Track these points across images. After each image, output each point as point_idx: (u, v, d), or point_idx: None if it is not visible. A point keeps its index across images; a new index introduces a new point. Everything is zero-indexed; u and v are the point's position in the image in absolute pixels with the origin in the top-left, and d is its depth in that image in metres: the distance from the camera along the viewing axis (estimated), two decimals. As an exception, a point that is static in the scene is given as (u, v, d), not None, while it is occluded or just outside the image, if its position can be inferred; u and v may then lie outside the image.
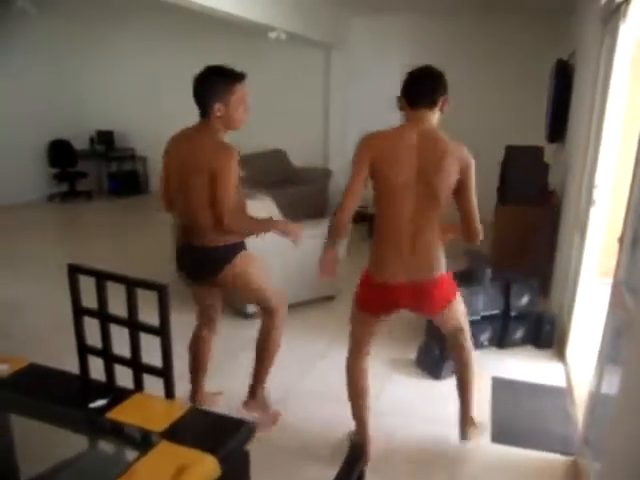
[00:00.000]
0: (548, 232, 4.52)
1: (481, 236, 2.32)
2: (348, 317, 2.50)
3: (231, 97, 2.34)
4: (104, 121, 8.96)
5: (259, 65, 8.10)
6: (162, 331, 1.58)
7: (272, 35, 6.08)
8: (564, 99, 4.81)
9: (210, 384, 3.04)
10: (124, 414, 1.45)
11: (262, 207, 3.98)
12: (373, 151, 2.14)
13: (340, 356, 3.29)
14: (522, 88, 6.89)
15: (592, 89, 3.50)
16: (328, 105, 7.83)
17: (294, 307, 4.28)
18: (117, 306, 1.73)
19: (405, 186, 2.12)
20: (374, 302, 2.36)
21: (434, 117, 2.22)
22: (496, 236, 4.65)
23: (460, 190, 2.19)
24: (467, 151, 2.19)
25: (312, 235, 4.34)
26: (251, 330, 4.00)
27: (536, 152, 4.54)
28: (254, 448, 2.59)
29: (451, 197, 2.21)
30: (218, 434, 1.39)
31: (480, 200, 2.33)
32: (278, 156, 7.70)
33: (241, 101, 2.39)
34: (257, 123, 8.31)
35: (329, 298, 4.54)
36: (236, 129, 2.44)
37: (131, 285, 1.60)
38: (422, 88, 2.18)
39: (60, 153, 8.39)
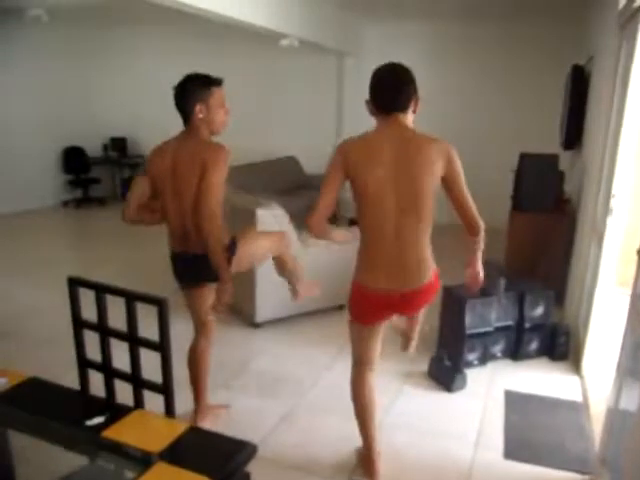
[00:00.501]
0: (563, 241, 4.43)
1: (482, 225, 2.22)
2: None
3: (210, 99, 2.40)
4: (117, 128, 9.01)
5: (272, 72, 8.11)
6: (162, 347, 1.54)
7: (284, 42, 6.07)
8: (580, 105, 4.73)
9: (218, 395, 3.00)
10: (121, 433, 1.41)
11: (273, 216, 3.94)
12: (348, 158, 2.07)
13: (348, 368, 3.22)
14: (537, 94, 6.81)
15: (609, 95, 3.43)
16: (341, 112, 7.79)
17: (304, 316, 4.25)
18: (120, 318, 1.69)
19: (384, 192, 2.05)
20: (368, 312, 2.29)
21: (409, 119, 2.13)
22: (510, 245, 4.56)
23: (449, 184, 2.10)
24: (447, 143, 2.10)
25: (327, 244, 4.31)
26: (260, 339, 3.99)
27: (551, 160, 4.46)
28: (254, 464, 2.55)
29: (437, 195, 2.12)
30: (217, 455, 1.34)
31: (494, 208, 2.27)
32: (290, 163, 7.68)
33: (221, 104, 2.45)
34: (270, 130, 8.36)
35: (340, 307, 4.48)
36: (218, 133, 2.50)
37: (131, 299, 1.56)
38: (393, 94, 2.07)
39: (74, 160, 8.46)
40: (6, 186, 7.63)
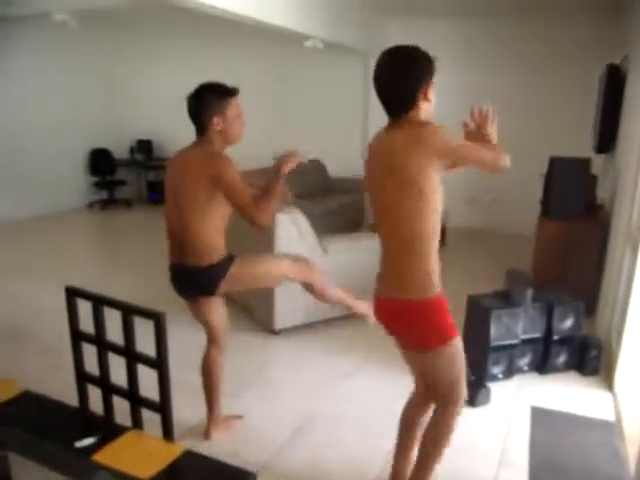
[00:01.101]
0: (595, 249, 4.23)
1: (504, 161, 2.00)
2: (380, 336, 2.26)
3: (227, 110, 2.36)
4: (143, 130, 9.05)
5: (297, 74, 8.04)
6: (159, 364, 1.46)
7: (308, 44, 5.98)
8: (615, 107, 4.53)
9: (231, 404, 2.92)
10: (112, 456, 1.33)
11: (292, 220, 3.85)
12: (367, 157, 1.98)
13: (368, 378, 3.12)
14: (569, 95, 6.58)
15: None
16: (367, 114, 7.67)
17: (324, 324, 4.14)
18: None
19: (374, 198, 1.94)
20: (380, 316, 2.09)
21: (419, 113, 1.83)
22: (538, 253, 4.38)
23: (450, 160, 1.82)
24: (422, 131, 1.76)
25: (348, 248, 4.20)
26: (278, 347, 3.90)
27: (583, 164, 4.26)
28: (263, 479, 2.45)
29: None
30: (211, 484, 1.25)
31: (521, 214, 2.11)
32: (315, 166, 7.58)
33: (238, 115, 2.42)
34: (295, 133, 8.28)
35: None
36: (234, 144, 2.46)
37: (127, 312, 1.48)
38: (391, 97, 1.81)
39: (100, 161, 8.53)
40: (32, 188, 7.72)
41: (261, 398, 3.18)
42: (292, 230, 3.82)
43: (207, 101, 2.32)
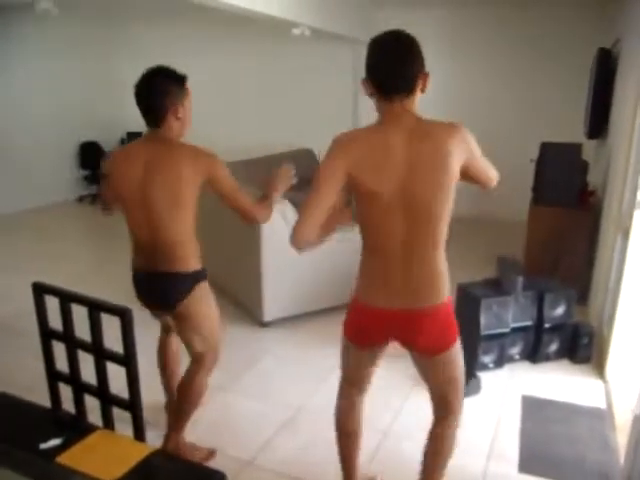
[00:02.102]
0: (587, 236, 4.19)
1: (497, 177, 1.92)
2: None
3: (185, 99, 2.20)
4: (134, 123, 8.91)
5: (285, 63, 7.95)
6: (127, 361, 1.40)
7: (296, 31, 5.88)
8: (606, 91, 4.47)
9: (217, 397, 2.88)
10: (77, 457, 1.28)
11: (279, 210, 3.79)
12: (349, 158, 1.65)
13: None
14: (560, 80, 6.50)
15: (638, 80, 3.19)
16: (357, 103, 7.59)
17: (314, 315, 4.09)
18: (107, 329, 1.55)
19: (392, 201, 1.66)
20: (363, 332, 1.92)
21: (415, 102, 1.71)
22: (530, 241, 4.33)
23: (469, 168, 1.74)
24: (459, 126, 1.69)
25: (338, 239, 4.13)
26: (267, 339, 3.85)
27: (574, 149, 4.21)
28: (251, 473, 2.42)
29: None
30: (178, 486, 1.20)
31: (512, 201, 2.03)
32: (306, 155, 7.50)
33: (191, 104, 2.25)
34: (284, 122, 8.20)
35: (351, 305, 4.32)
36: (184, 135, 2.25)
37: (94, 308, 1.43)
38: (396, 71, 1.64)
39: (90, 155, 8.43)
40: (21, 182, 7.63)
41: (248, 391, 3.14)
42: (278, 220, 3.75)
43: (168, 89, 2.13)
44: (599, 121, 4.59)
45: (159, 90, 2.11)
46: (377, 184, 1.64)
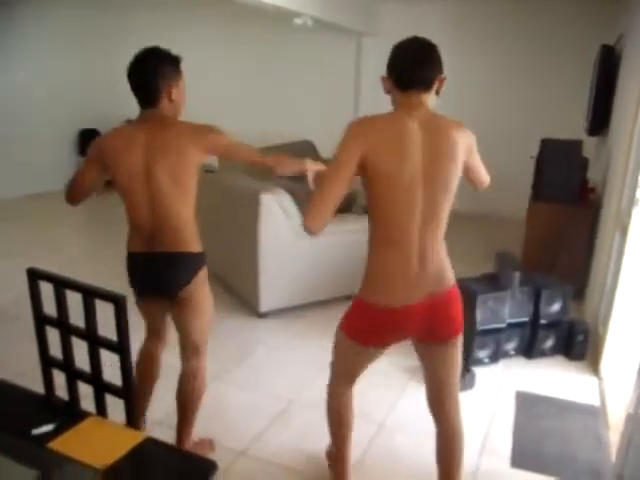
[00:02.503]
0: (585, 233, 4.18)
1: (488, 181, 2.03)
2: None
3: (180, 80, 2.16)
4: (133, 110, 8.88)
5: (286, 53, 7.91)
6: (121, 348, 1.40)
7: (298, 21, 5.85)
8: (608, 88, 4.45)
9: (210, 388, 2.86)
10: (69, 443, 1.28)
11: (278, 201, 3.78)
12: (367, 143, 1.67)
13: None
14: (561, 77, 6.48)
15: None
16: (359, 95, 7.57)
17: (312, 306, 4.09)
18: (102, 315, 1.53)
19: (411, 185, 1.67)
20: (374, 333, 1.87)
21: (431, 100, 1.78)
22: (528, 237, 4.33)
23: (469, 168, 1.88)
24: (470, 132, 1.83)
25: (338, 230, 4.13)
26: (263, 330, 3.85)
27: (575, 146, 4.20)
28: (245, 463, 2.42)
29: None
30: (170, 475, 1.19)
31: (512, 197, 2.05)
32: (306, 147, 7.48)
33: (184, 85, 2.21)
34: (284, 113, 8.17)
35: (348, 298, 4.31)
36: (178, 117, 2.21)
37: (88, 294, 1.42)
38: (416, 67, 1.72)
39: (89, 142, 8.35)
40: (20, 169, 7.61)
41: (243, 382, 3.14)
42: (277, 210, 3.75)
43: (163, 69, 2.09)
44: (600, 118, 4.58)
45: (152, 70, 2.07)
46: (396, 169, 1.66)
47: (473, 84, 6.98)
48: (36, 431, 1.32)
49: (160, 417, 2.73)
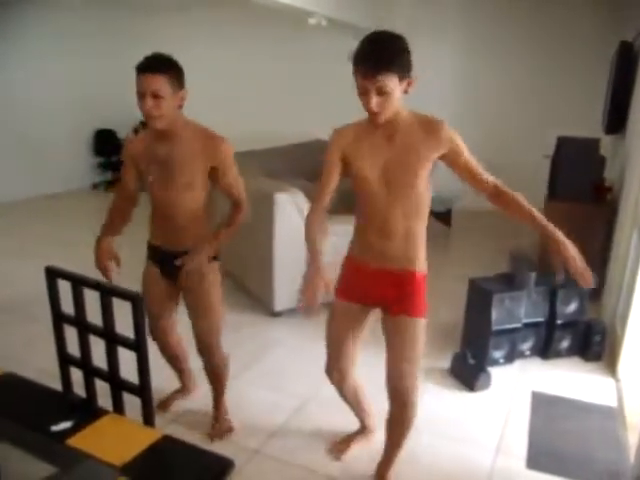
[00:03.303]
0: (602, 232, 4.14)
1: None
2: (381, 317, 2.21)
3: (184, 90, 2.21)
4: (148, 110, 8.96)
5: (300, 53, 7.90)
6: (138, 346, 1.41)
7: (312, 21, 5.84)
8: (626, 85, 4.39)
9: (230, 385, 2.88)
10: (87, 440, 1.29)
11: (293, 201, 3.78)
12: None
13: (367, 361, 3.07)
14: (578, 74, 6.40)
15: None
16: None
17: (326, 306, 4.07)
18: (119, 313, 1.56)
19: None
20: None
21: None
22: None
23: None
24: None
25: (348, 228, 4.12)
26: (278, 329, 3.86)
27: (591, 144, 4.15)
28: (261, 460, 2.43)
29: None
30: (186, 472, 1.20)
31: (527, 196, 2.03)
32: (319, 147, 7.47)
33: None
34: (298, 113, 8.17)
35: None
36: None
37: (105, 293, 1.43)
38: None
39: (105, 142, 8.47)
40: (37, 168, 7.69)
41: (258, 381, 3.15)
42: (291, 210, 3.76)
43: (179, 73, 2.16)
44: (618, 116, 4.52)
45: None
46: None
47: (489, 82, 6.93)
48: (55, 428, 1.33)
49: (174, 415, 2.76)
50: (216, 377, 2.58)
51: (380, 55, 1.73)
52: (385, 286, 2.07)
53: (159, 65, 2.06)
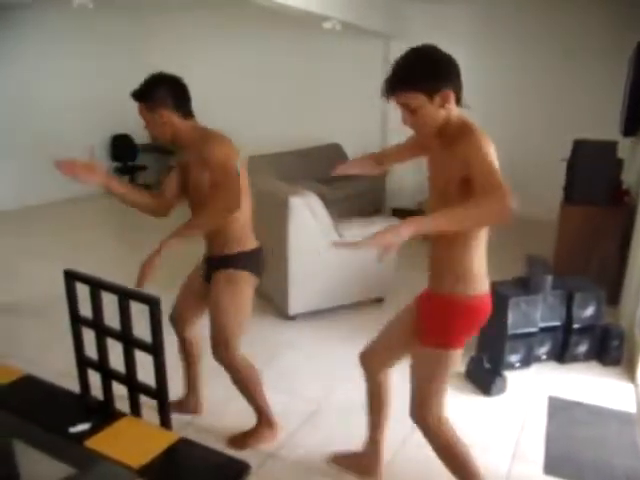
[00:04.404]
0: (619, 235, 4.09)
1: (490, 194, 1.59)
2: None
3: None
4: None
5: (315, 57, 7.92)
6: (155, 349, 1.42)
7: (327, 25, 5.86)
8: (644, 87, 4.34)
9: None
10: (105, 442, 1.31)
11: (307, 204, 3.79)
12: None
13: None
14: (595, 75, 6.34)
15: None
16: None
17: (340, 309, 4.10)
18: (137, 316, 1.58)
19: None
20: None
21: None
22: (560, 240, 4.25)
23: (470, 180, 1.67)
24: (466, 135, 1.68)
25: (364, 232, 4.12)
26: (292, 332, 3.87)
27: (609, 147, 4.11)
28: (275, 465, 2.43)
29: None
30: (203, 475, 1.21)
31: (543, 200, 2.01)
32: (334, 150, 7.51)
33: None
34: (313, 117, 8.19)
35: (378, 300, 4.32)
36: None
37: (123, 296, 1.45)
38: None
39: (121, 147, 8.55)
40: (54, 172, 7.73)
41: (272, 385, 3.14)
42: (306, 213, 3.77)
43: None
44: (636, 118, 4.47)
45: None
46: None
47: (503, 85, 6.90)
48: (73, 429, 1.35)
49: (189, 418, 2.78)
50: (236, 385, 2.56)
51: (394, 75, 1.72)
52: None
53: (140, 94, 2.30)
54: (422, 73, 1.68)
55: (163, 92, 2.26)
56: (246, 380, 2.53)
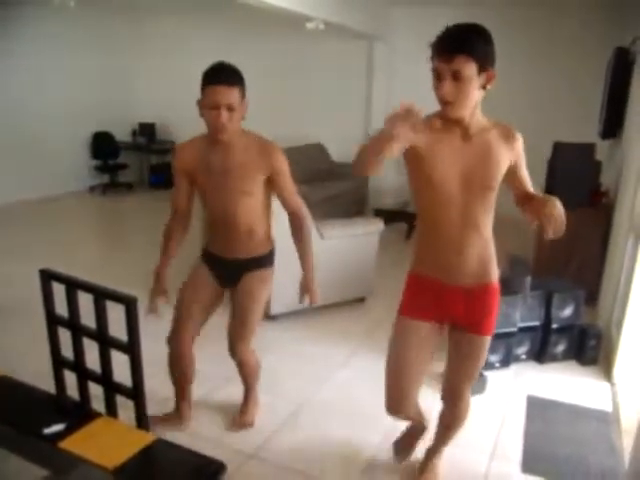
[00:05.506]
0: (598, 237, 4.15)
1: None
2: (378, 321, 2.22)
3: (203, 98, 2.24)
4: (146, 113, 8.98)
5: (299, 57, 7.93)
6: (131, 349, 1.41)
7: (310, 25, 5.87)
8: (622, 91, 4.42)
9: (224, 389, 2.88)
10: (80, 443, 1.29)
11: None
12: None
13: (363, 366, 3.08)
14: (574, 79, 6.43)
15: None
16: (370, 99, 7.56)
17: (323, 309, 4.09)
18: (114, 315, 1.55)
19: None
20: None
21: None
22: (539, 241, 4.30)
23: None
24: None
25: (345, 233, 4.14)
26: (274, 332, 3.86)
27: (587, 149, 4.17)
28: (254, 465, 2.42)
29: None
30: (178, 475, 1.20)
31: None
32: (316, 150, 7.51)
33: (208, 105, 2.20)
34: (297, 117, 8.18)
35: (359, 300, 4.32)
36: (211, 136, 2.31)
37: (100, 296, 1.43)
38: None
39: (102, 145, 8.46)
40: (34, 171, 7.68)
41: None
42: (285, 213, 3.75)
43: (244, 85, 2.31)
44: (614, 121, 4.54)
45: None
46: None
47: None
48: (47, 430, 1.33)
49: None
50: (245, 374, 2.67)
51: (460, 36, 1.62)
52: (457, 302, 1.93)
53: (233, 77, 2.14)
54: (485, 44, 1.64)
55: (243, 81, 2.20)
56: (254, 374, 2.68)
